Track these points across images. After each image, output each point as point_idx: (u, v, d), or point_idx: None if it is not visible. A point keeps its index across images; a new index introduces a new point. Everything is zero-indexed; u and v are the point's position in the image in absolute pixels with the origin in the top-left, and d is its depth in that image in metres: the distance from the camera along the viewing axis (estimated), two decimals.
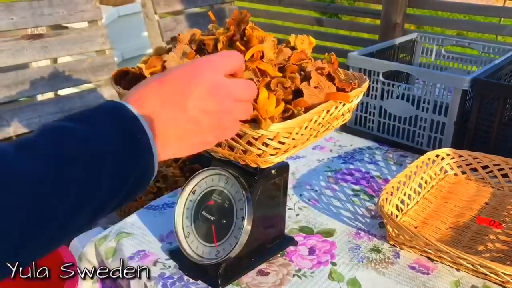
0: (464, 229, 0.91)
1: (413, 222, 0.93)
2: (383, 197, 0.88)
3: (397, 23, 2.29)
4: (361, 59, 1.27)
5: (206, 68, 0.48)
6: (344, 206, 0.99)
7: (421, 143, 1.22)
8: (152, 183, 1.49)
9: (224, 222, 0.76)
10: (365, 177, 1.12)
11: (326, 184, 1.08)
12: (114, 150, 0.41)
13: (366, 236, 0.90)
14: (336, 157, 1.21)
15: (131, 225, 0.92)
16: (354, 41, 3.37)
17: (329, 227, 0.92)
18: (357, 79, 0.76)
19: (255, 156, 0.65)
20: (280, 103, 0.64)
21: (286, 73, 0.70)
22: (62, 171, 0.37)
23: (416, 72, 1.26)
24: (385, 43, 1.46)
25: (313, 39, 0.82)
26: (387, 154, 1.23)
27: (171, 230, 0.89)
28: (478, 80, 1.09)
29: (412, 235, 0.80)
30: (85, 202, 0.40)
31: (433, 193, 1.04)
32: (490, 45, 1.50)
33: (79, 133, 0.40)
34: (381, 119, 1.28)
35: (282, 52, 0.74)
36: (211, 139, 0.50)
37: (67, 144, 0.39)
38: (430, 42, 1.58)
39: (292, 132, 0.63)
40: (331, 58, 0.75)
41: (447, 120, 1.16)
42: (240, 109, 0.52)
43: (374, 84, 1.26)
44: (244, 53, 0.70)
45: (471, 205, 0.99)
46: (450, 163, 1.10)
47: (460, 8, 2.79)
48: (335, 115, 0.70)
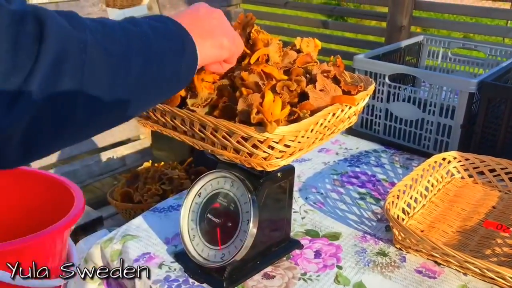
0: (471, 233, 0.91)
1: (419, 225, 0.93)
2: (389, 201, 0.87)
3: (403, 26, 2.28)
4: (367, 62, 1.27)
5: (204, 4, 0.64)
6: (350, 209, 0.99)
7: (428, 146, 1.22)
8: (158, 185, 1.49)
9: (229, 225, 0.76)
10: (371, 180, 1.11)
11: (332, 187, 1.08)
12: (173, 44, 0.54)
13: (372, 239, 0.89)
14: (342, 160, 1.21)
15: (137, 227, 0.92)
16: (360, 44, 3.37)
17: (335, 231, 0.92)
18: (363, 82, 0.76)
19: (260, 159, 0.65)
20: (285, 106, 0.64)
21: (291, 76, 0.70)
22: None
23: (423, 75, 1.26)
24: (391, 46, 1.46)
25: (318, 42, 0.82)
26: (393, 157, 1.23)
27: (177, 232, 0.89)
28: (485, 83, 1.08)
29: (419, 239, 0.79)
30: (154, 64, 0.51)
31: (439, 196, 1.03)
32: (497, 48, 1.49)
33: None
34: (387, 122, 1.27)
35: (288, 55, 0.74)
36: (226, 42, 0.62)
37: None
38: (436, 45, 1.58)
39: (298, 135, 0.63)
40: (337, 61, 0.74)
41: (453, 123, 1.15)
42: (233, 30, 0.65)
43: (380, 87, 1.25)
44: (250, 56, 0.70)
45: (478, 209, 0.98)
46: (456, 166, 1.09)
47: (466, 10, 2.78)
48: (341, 118, 0.70)
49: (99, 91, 0.42)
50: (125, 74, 0.46)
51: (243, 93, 0.65)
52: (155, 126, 0.75)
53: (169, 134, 0.74)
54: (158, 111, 0.71)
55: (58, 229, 0.69)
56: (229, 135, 0.64)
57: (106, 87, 0.43)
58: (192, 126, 0.68)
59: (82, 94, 0.40)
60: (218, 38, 0.61)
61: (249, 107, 0.63)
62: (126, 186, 1.54)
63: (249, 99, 0.63)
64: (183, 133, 0.72)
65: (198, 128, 0.67)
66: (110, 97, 0.44)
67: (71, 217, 0.71)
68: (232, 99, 0.67)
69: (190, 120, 0.67)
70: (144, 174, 1.50)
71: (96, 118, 0.45)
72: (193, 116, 0.66)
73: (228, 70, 0.68)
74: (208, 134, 0.67)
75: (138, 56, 0.48)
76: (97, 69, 0.41)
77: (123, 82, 0.46)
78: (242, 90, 0.65)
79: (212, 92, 0.68)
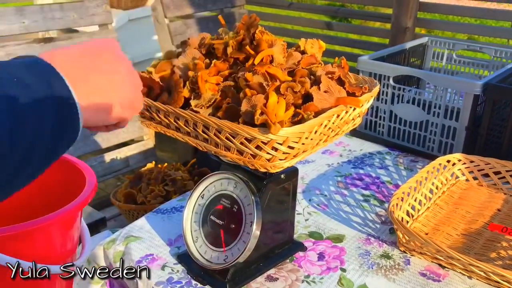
0: (476, 236, 0.90)
1: (424, 228, 0.92)
2: (394, 203, 0.87)
3: (407, 27, 2.27)
4: (372, 63, 1.26)
5: (114, 43, 0.53)
6: (354, 212, 0.98)
7: (432, 148, 1.21)
8: (161, 186, 1.49)
9: (232, 226, 0.76)
10: (375, 182, 1.11)
11: (335, 189, 1.07)
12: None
13: (376, 242, 0.89)
14: (346, 162, 1.20)
15: (140, 228, 0.92)
16: (364, 45, 3.35)
17: (339, 233, 0.91)
18: (367, 84, 0.75)
19: (264, 160, 0.64)
20: (289, 108, 0.63)
21: (296, 77, 0.70)
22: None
23: (428, 77, 1.25)
24: (395, 47, 1.45)
25: (323, 43, 0.82)
26: (397, 159, 1.22)
27: (180, 234, 0.88)
28: (490, 85, 1.08)
29: (423, 242, 0.79)
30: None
31: (444, 199, 1.02)
32: (502, 50, 1.48)
33: None
34: (392, 123, 1.27)
35: (292, 56, 0.74)
36: (117, 107, 0.51)
37: None
38: (441, 47, 1.57)
39: (302, 136, 0.62)
40: (341, 62, 0.74)
41: (458, 125, 1.15)
42: (139, 93, 0.54)
43: (384, 88, 1.25)
44: (254, 57, 0.70)
45: (483, 212, 0.98)
46: (461, 168, 1.08)
47: (471, 12, 2.77)
48: (345, 120, 0.70)
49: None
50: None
51: (247, 94, 0.64)
52: (158, 127, 0.75)
53: (172, 135, 0.74)
54: (162, 112, 0.71)
55: (71, 210, 0.68)
56: (232, 136, 0.64)
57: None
58: (195, 127, 0.68)
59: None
60: (110, 101, 0.50)
61: (253, 108, 0.62)
62: (129, 187, 1.54)
63: (253, 100, 0.63)
64: (187, 134, 0.71)
65: (202, 129, 0.67)
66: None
67: (83, 197, 0.70)
68: (235, 100, 0.67)
69: (194, 121, 0.67)
70: (147, 175, 1.50)
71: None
72: (197, 117, 0.66)
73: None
74: (211, 135, 0.66)
75: None
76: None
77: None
78: (246, 91, 0.65)
79: (216, 93, 0.68)
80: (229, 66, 0.72)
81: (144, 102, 0.71)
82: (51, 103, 0.42)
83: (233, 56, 0.72)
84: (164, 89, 0.71)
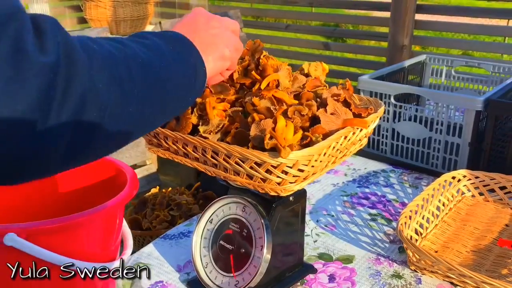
0: (486, 252, 0.90)
1: (433, 246, 0.92)
2: (402, 222, 0.86)
3: (404, 45, 2.30)
4: (372, 83, 1.27)
5: (202, 9, 0.65)
6: (362, 231, 0.98)
7: (436, 165, 1.21)
8: (166, 211, 1.49)
9: (242, 251, 0.75)
10: (382, 201, 1.11)
11: (342, 209, 1.07)
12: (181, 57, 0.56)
13: (386, 261, 0.88)
14: (351, 181, 1.20)
15: (148, 255, 0.91)
16: (361, 64, 3.39)
17: (348, 253, 0.91)
18: (372, 104, 0.76)
19: (274, 184, 0.64)
20: (298, 131, 0.64)
21: (302, 100, 0.70)
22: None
23: (429, 95, 1.26)
24: (394, 66, 1.47)
25: (326, 65, 0.83)
26: (402, 177, 1.23)
27: (189, 260, 0.88)
28: (491, 101, 1.09)
29: (434, 260, 0.78)
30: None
31: (451, 215, 1.02)
32: (500, 65, 1.50)
33: None
34: (394, 141, 1.27)
35: (297, 79, 0.75)
36: (227, 52, 0.62)
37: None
38: (439, 63, 1.59)
39: (312, 159, 0.63)
40: (346, 84, 0.75)
41: (461, 141, 1.15)
42: (235, 37, 0.65)
43: (385, 107, 1.26)
44: (260, 82, 0.70)
45: (491, 227, 0.98)
46: (467, 184, 1.09)
47: (465, 28, 2.81)
48: (353, 141, 0.70)
49: (117, 124, 0.46)
50: (141, 107, 0.48)
51: (255, 118, 0.65)
52: (166, 154, 0.75)
53: (180, 161, 0.74)
54: (170, 138, 0.71)
55: (114, 205, 0.67)
56: (242, 161, 0.64)
57: (125, 118, 0.47)
58: (204, 152, 0.68)
59: (102, 127, 0.44)
60: (220, 50, 0.62)
61: (261, 132, 0.63)
62: (134, 212, 1.53)
63: (262, 125, 0.63)
64: (195, 160, 0.72)
65: (211, 154, 0.67)
66: (127, 126, 0.48)
67: (125, 194, 0.69)
68: (243, 125, 0.68)
69: (203, 146, 0.67)
70: (152, 200, 1.50)
71: (113, 139, 0.48)
72: (205, 142, 0.66)
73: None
74: (220, 160, 0.67)
75: (153, 89, 0.50)
76: (115, 110, 0.45)
77: (140, 113, 0.49)
78: (254, 115, 0.65)
79: (224, 118, 0.69)
80: (236, 92, 0.73)
81: None
82: (192, 63, 0.56)
83: (240, 81, 0.73)
84: None
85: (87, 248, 0.68)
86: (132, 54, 0.48)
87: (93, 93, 0.41)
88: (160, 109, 0.52)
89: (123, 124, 0.47)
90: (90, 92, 0.41)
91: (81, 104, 0.40)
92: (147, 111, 0.49)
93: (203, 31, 0.61)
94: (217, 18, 0.64)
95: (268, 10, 3.65)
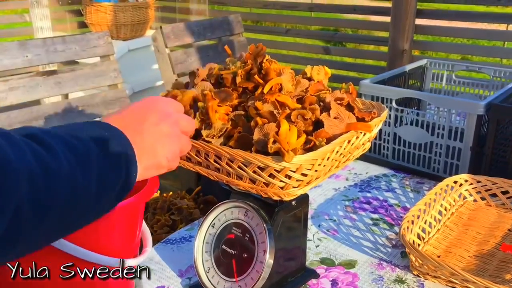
0: (489, 257, 0.89)
1: (435, 251, 0.92)
2: (404, 226, 0.86)
3: (404, 50, 2.31)
4: (374, 87, 1.27)
5: (159, 100, 0.59)
6: (364, 236, 0.98)
7: (438, 169, 1.21)
8: (167, 216, 1.48)
9: (245, 256, 0.75)
10: (383, 206, 1.10)
11: (344, 214, 1.07)
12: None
13: (388, 266, 0.88)
14: (353, 186, 1.20)
15: (149, 260, 0.91)
16: (360, 68, 3.40)
17: (351, 258, 0.90)
18: (375, 108, 0.76)
19: (277, 188, 0.64)
20: (301, 135, 0.64)
21: (305, 104, 0.70)
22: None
23: (431, 99, 1.26)
24: (395, 70, 1.47)
25: (328, 69, 0.83)
26: (403, 181, 1.22)
27: (190, 264, 0.87)
28: (493, 105, 1.09)
29: (437, 265, 0.78)
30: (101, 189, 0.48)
31: (453, 220, 1.02)
32: (501, 69, 1.50)
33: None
34: (396, 146, 1.27)
35: (300, 83, 0.75)
36: (164, 162, 0.57)
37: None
38: (440, 68, 1.59)
39: (315, 163, 0.63)
40: (349, 88, 0.75)
41: (463, 145, 1.15)
42: (185, 140, 0.61)
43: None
44: (263, 86, 0.70)
45: (494, 232, 0.97)
46: (469, 189, 1.08)
47: (465, 33, 2.82)
48: (356, 145, 0.70)
49: (34, 236, 0.44)
50: (62, 218, 0.46)
51: (258, 122, 0.65)
52: None
53: (183, 166, 0.74)
54: None
55: (135, 201, 0.65)
56: (245, 165, 0.64)
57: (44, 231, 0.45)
58: (207, 157, 0.68)
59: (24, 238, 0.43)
60: (157, 159, 0.56)
61: (265, 136, 0.63)
62: None
63: (265, 129, 0.63)
64: (198, 164, 0.72)
65: (213, 158, 0.67)
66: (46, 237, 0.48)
67: (147, 191, 0.67)
68: (246, 129, 0.67)
69: (205, 151, 0.67)
70: (152, 205, 1.49)
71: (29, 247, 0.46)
72: (208, 146, 0.66)
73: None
74: (223, 165, 0.66)
75: (75, 203, 0.46)
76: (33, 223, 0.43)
77: (58, 224, 0.46)
78: (257, 119, 0.65)
79: (226, 122, 0.68)
80: (238, 96, 0.73)
81: None
82: (123, 165, 0.51)
83: (242, 85, 0.72)
84: None
85: (109, 244, 0.67)
86: (55, 170, 0.44)
87: None
88: (72, 222, 0.49)
89: (41, 234, 0.45)
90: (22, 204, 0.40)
91: None
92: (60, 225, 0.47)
93: (148, 133, 0.55)
94: (172, 119, 0.58)
95: (267, 15, 3.66)
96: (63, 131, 0.48)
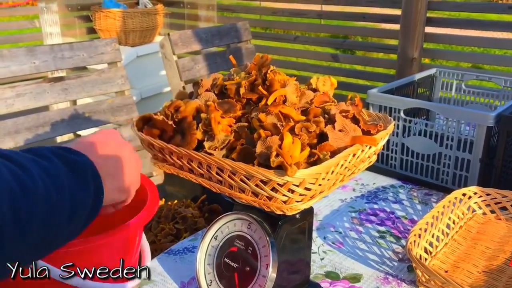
0: (498, 273, 0.87)
1: (443, 265, 0.90)
2: (411, 240, 0.84)
3: (414, 58, 2.28)
4: (382, 97, 1.26)
5: (117, 132, 0.62)
6: (370, 249, 0.96)
7: (446, 181, 1.19)
8: (171, 224, 1.47)
9: (247, 269, 0.74)
10: (390, 218, 1.08)
11: (350, 226, 1.05)
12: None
13: (394, 281, 0.86)
14: (360, 197, 1.18)
15: (152, 271, 0.90)
16: (369, 76, 3.38)
17: (356, 272, 0.89)
18: (382, 121, 0.75)
19: (280, 202, 0.63)
20: (305, 148, 0.62)
21: (309, 116, 0.69)
22: None
23: (440, 109, 1.24)
24: (404, 80, 1.45)
25: (334, 80, 0.82)
26: (411, 193, 1.20)
27: (193, 276, 0.86)
28: (503, 116, 1.07)
29: (444, 281, 0.76)
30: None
31: (461, 233, 1.00)
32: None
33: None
34: (404, 156, 1.25)
35: (305, 95, 0.73)
36: (126, 186, 0.59)
37: None
38: (449, 77, 1.57)
39: (319, 177, 0.61)
40: (355, 100, 0.73)
41: (472, 157, 1.13)
42: (139, 168, 0.64)
43: (395, 121, 1.24)
44: (267, 97, 0.69)
45: (503, 247, 0.95)
46: (478, 202, 1.06)
47: (475, 41, 2.79)
48: (361, 158, 0.69)
49: None
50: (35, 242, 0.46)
51: (261, 135, 0.63)
52: (171, 169, 0.74)
53: (185, 177, 0.73)
54: (175, 154, 0.70)
55: (133, 225, 0.66)
56: (247, 178, 0.63)
57: None
58: (209, 169, 0.67)
59: None
60: (120, 181, 0.58)
61: (268, 149, 0.61)
62: None
63: (268, 142, 0.62)
64: (200, 176, 0.70)
65: (216, 171, 0.66)
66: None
67: (146, 213, 0.67)
68: (249, 141, 0.66)
69: (208, 163, 0.66)
70: (157, 213, 1.48)
71: None
72: (210, 159, 0.65)
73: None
74: (225, 177, 0.65)
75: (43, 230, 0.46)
76: None
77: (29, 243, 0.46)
78: (260, 132, 0.64)
79: (229, 134, 0.67)
80: (242, 107, 0.72)
81: (158, 144, 0.71)
82: (91, 192, 0.52)
83: (246, 96, 0.71)
84: (177, 131, 0.71)
85: (107, 265, 0.67)
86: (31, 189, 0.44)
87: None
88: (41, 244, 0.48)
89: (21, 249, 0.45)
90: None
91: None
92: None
93: (110, 157, 0.57)
94: (131, 146, 0.62)
95: (276, 22, 3.66)
96: (31, 153, 0.49)
